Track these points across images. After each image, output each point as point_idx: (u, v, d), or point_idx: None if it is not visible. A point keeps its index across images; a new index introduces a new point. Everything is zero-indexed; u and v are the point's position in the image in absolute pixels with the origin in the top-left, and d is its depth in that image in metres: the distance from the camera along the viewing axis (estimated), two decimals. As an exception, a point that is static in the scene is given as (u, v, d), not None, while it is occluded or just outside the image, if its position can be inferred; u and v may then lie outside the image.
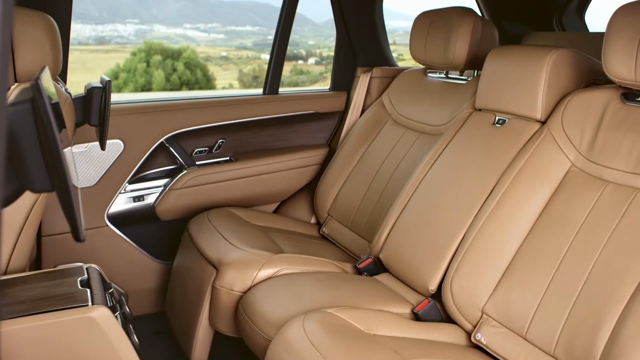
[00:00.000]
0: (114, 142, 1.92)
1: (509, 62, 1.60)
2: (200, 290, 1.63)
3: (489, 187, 1.48)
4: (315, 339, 1.16)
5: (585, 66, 1.53)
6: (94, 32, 12.92)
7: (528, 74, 1.52)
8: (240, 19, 14.15)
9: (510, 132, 1.54)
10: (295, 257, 1.62)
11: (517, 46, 1.66)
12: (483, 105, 1.67)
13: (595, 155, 1.32)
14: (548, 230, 1.31)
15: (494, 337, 1.30)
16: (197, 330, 1.63)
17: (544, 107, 1.49)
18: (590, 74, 1.52)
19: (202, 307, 1.62)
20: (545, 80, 1.48)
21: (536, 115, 1.50)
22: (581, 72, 1.52)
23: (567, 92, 1.49)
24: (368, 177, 1.98)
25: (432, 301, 1.44)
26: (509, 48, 1.65)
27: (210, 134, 2.12)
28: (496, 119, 1.60)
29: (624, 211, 1.22)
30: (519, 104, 1.55)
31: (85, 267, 1.33)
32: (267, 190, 2.22)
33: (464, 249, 1.41)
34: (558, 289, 1.23)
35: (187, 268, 1.79)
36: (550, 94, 1.49)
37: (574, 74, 1.51)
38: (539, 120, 1.50)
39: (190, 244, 1.81)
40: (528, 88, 1.52)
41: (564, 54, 1.50)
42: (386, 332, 1.29)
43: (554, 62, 1.48)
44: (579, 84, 1.51)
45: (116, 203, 1.98)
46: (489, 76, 1.65)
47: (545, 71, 1.48)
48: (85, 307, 1.13)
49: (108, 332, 1.14)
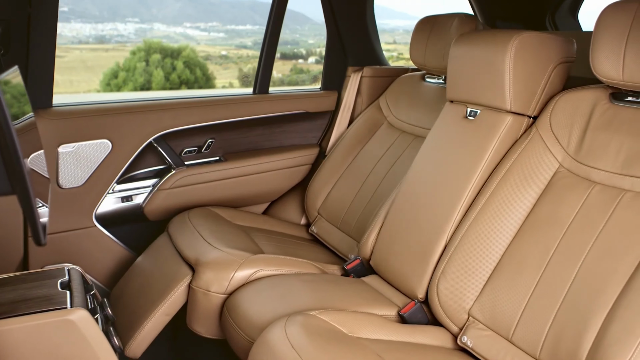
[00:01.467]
0: (101, 142, 1.91)
1: (473, 49, 1.53)
2: (166, 287, 1.59)
3: (467, 186, 1.45)
4: (296, 342, 1.14)
5: (554, 47, 1.46)
6: (94, 31, 12.91)
7: (492, 62, 1.46)
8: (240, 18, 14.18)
9: (483, 125, 1.50)
10: (274, 258, 1.61)
11: (482, 32, 1.59)
12: (453, 97, 1.63)
13: (583, 156, 1.31)
14: (535, 232, 1.30)
15: (479, 340, 1.29)
16: (143, 326, 1.56)
17: (512, 96, 1.44)
18: (560, 53, 1.46)
19: (159, 305, 1.57)
20: (509, 69, 1.42)
21: (505, 106, 1.46)
22: (549, 54, 1.45)
23: (536, 77, 1.44)
24: (360, 177, 1.97)
25: (418, 303, 1.42)
26: (474, 34, 1.59)
27: (199, 133, 2.11)
28: (468, 111, 1.57)
29: (610, 213, 1.20)
30: (487, 94, 1.50)
31: (66, 268, 1.32)
32: (257, 191, 2.21)
33: (450, 250, 1.40)
34: (544, 291, 1.21)
35: (158, 264, 1.75)
36: (517, 82, 1.43)
37: (541, 57, 1.44)
38: (510, 111, 1.46)
39: (168, 242, 1.79)
40: (494, 77, 1.46)
41: (528, 38, 1.43)
42: (370, 335, 1.27)
43: (518, 48, 1.42)
44: (547, 66, 1.45)
45: (104, 203, 1.97)
46: (454, 65, 1.59)
47: (509, 58, 1.42)
48: (64, 310, 1.12)
49: (87, 334, 1.13)
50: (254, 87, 2.22)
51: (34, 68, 1.73)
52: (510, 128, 1.46)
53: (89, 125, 1.87)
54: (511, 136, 1.47)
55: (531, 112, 1.47)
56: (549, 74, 1.45)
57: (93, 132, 1.88)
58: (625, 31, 1.22)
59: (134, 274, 1.80)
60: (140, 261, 1.85)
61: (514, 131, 1.47)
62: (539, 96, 1.46)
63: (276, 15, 2.12)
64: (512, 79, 1.43)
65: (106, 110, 1.90)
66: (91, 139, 1.88)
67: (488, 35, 1.52)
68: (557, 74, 1.47)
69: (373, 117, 2.10)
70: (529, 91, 1.45)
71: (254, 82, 2.23)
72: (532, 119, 1.48)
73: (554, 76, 1.46)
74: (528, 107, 1.46)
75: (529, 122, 1.48)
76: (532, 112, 1.47)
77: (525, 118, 1.47)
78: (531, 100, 1.46)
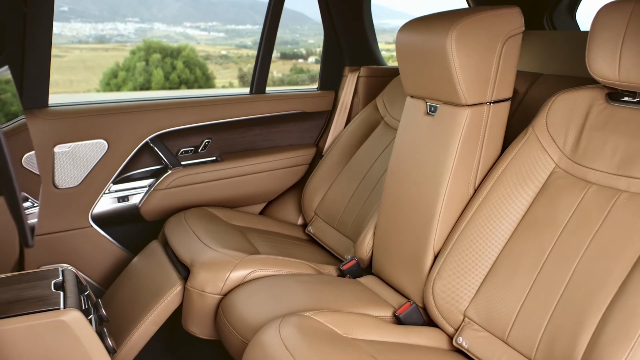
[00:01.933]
0: (98, 142, 1.90)
1: (415, 39, 1.43)
2: (154, 297, 1.57)
3: (443, 185, 1.42)
4: (290, 343, 1.14)
5: (498, 22, 1.36)
6: (94, 31, 12.88)
7: (435, 55, 1.37)
8: (240, 17, 14.15)
9: (444, 122, 1.44)
10: (269, 259, 1.60)
11: (425, 18, 1.47)
12: (410, 92, 1.57)
13: (579, 156, 1.30)
14: (531, 232, 1.30)
15: (475, 341, 1.28)
16: (131, 335, 1.54)
17: (465, 90, 1.37)
18: (506, 27, 1.37)
19: (147, 314, 1.54)
20: (455, 63, 1.34)
21: (460, 101, 1.40)
22: (495, 31, 1.36)
23: (486, 61, 1.36)
24: (357, 177, 1.97)
25: (413, 304, 1.42)
26: (417, 21, 1.47)
27: (196, 133, 2.10)
28: (428, 107, 1.52)
29: (606, 213, 1.20)
30: (439, 90, 1.43)
31: (60, 269, 1.31)
32: (254, 191, 2.21)
33: (446, 251, 1.39)
34: (540, 292, 1.21)
35: (149, 271, 1.73)
36: (467, 73, 1.35)
37: (486, 37, 1.36)
38: (469, 105, 1.40)
39: (159, 248, 1.78)
40: (441, 72, 1.38)
41: (468, 23, 1.33)
42: (365, 336, 1.27)
43: (458, 38, 1.33)
44: (495, 45, 1.37)
45: (100, 203, 1.97)
46: (401, 56, 1.51)
47: (451, 52, 1.33)
48: (57, 311, 1.12)
49: (80, 335, 1.13)
50: (250, 87, 2.22)
51: (29, 68, 1.73)
52: (471, 121, 1.42)
53: (85, 125, 1.87)
54: (475, 127, 1.42)
55: (489, 97, 1.42)
56: (499, 53, 1.38)
57: (89, 132, 1.87)
58: (622, 31, 1.22)
59: (125, 279, 1.79)
60: (131, 266, 1.83)
61: (476, 122, 1.42)
62: (493, 80, 1.40)
63: (273, 15, 2.11)
64: (460, 72, 1.35)
65: (102, 110, 1.89)
66: (87, 139, 1.87)
67: (430, 23, 1.42)
68: (509, 49, 1.39)
69: (370, 117, 2.10)
70: (481, 79, 1.38)
71: (250, 81, 2.22)
72: (492, 104, 1.43)
73: (505, 53, 1.39)
74: (485, 94, 1.41)
75: (489, 108, 1.43)
76: (490, 97, 1.42)
77: (485, 105, 1.43)
78: (486, 87, 1.40)
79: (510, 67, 1.42)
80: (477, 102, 1.41)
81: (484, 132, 1.44)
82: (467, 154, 1.43)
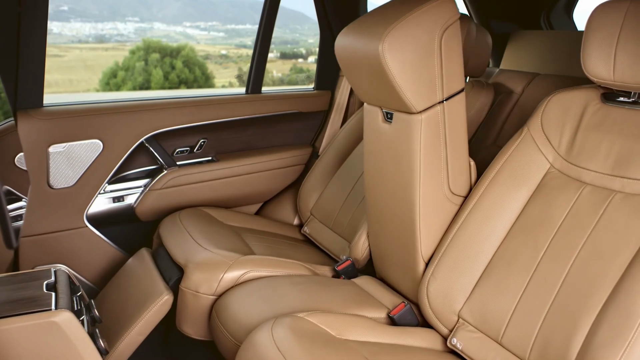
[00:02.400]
0: (93, 142, 1.90)
1: (353, 48, 1.33)
2: (141, 307, 1.55)
3: (415, 192, 1.38)
4: (282, 345, 1.13)
5: (431, 17, 1.27)
6: (93, 30, 12.88)
7: (373, 67, 1.28)
8: (240, 17, 14.14)
9: (402, 129, 1.38)
10: (264, 259, 1.59)
11: (359, 24, 1.36)
12: (363, 99, 1.49)
13: (574, 156, 1.30)
14: (525, 233, 1.29)
15: (469, 342, 1.28)
16: (117, 345, 1.52)
17: (412, 99, 1.29)
18: (440, 20, 1.28)
19: (133, 324, 1.52)
20: (392, 74, 1.25)
21: (410, 109, 1.32)
22: (429, 28, 1.27)
23: (427, 62, 1.28)
24: (353, 178, 1.96)
25: (408, 305, 1.41)
26: (352, 28, 1.38)
27: (191, 133, 2.10)
28: (384, 114, 1.43)
29: (600, 214, 1.19)
30: (387, 99, 1.35)
31: (53, 269, 1.31)
32: (250, 191, 2.20)
33: (440, 252, 1.39)
34: (534, 293, 1.20)
35: (138, 279, 1.70)
36: (409, 80, 1.27)
37: (422, 37, 1.26)
38: (419, 112, 1.33)
39: (147, 257, 1.76)
40: (383, 82, 1.30)
41: (399, 30, 1.23)
42: (358, 337, 1.26)
43: (391, 49, 1.23)
44: (432, 42, 1.28)
45: (95, 204, 1.96)
46: (344, 66, 1.42)
47: (386, 63, 1.24)
48: (48, 312, 1.11)
49: (72, 336, 1.12)
50: (246, 86, 2.22)
51: (24, 68, 1.73)
52: (428, 125, 1.35)
53: (80, 125, 1.86)
54: (433, 129, 1.36)
55: (440, 97, 1.34)
56: (438, 50, 1.30)
57: (84, 132, 1.87)
58: (616, 31, 1.21)
59: (115, 285, 1.77)
60: (122, 271, 1.81)
61: (433, 124, 1.35)
62: (440, 78, 1.32)
63: (268, 15, 2.11)
64: (401, 82, 1.27)
65: (97, 110, 1.89)
66: (82, 139, 1.87)
67: (363, 30, 1.32)
68: (448, 42, 1.31)
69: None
70: (426, 81, 1.30)
71: (246, 81, 2.22)
72: (445, 101, 1.36)
73: (445, 47, 1.31)
74: (434, 95, 1.33)
75: (443, 106, 1.36)
76: (442, 96, 1.34)
77: (438, 106, 1.35)
78: (434, 88, 1.33)
79: (455, 58, 1.34)
80: (428, 106, 1.34)
81: (444, 131, 1.38)
82: (432, 157, 1.37)
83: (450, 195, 1.43)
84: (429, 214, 1.41)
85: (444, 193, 1.42)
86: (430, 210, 1.41)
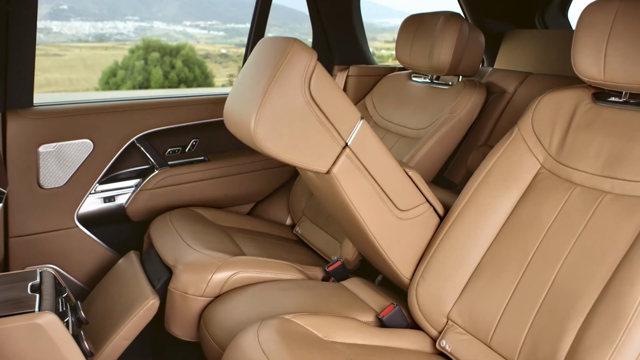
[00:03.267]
0: (83, 142, 1.89)
1: (236, 125, 1.23)
2: (127, 310, 1.54)
3: (363, 227, 1.33)
4: (267, 347, 1.12)
5: (290, 75, 1.14)
6: (93, 30, 12.87)
7: (256, 147, 1.16)
8: (240, 16, 14.14)
9: (327, 188, 1.33)
10: (254, 260, 1.58)
11: (236, 95, 1.26)
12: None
13: (564, 156, 1.29)
14: (515, 234, 1.28)
15: (458, 344, 1.27)
16: (103, 349, 1.50)
17: (312, 164, 1.20)
18: (298, 73, 1.15)
19: (119, 328, 1.50)
20: (280, 155, 1.17)
21: (319, 171, 1.23)
22: (293, 87, 1.14)
23: (310, 125, 1.17)
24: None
25: (397, 307, 1.40)
26: (230, 103, 1.26)
27: (183, 133, 2.08)
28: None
29: (590, 215, 1.18)
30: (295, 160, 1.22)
31: (39, 271, 1.30)
32: (242, 191, 2.19)
33: (430, 253, 1.38)
34: (523, 295, 1.19)
35: (125, 282, 1.69)
36: (297, 152, 1.17)
37: (290, 106, 1.15)
38: (328, 171, 1.24)
39: (135, 261, 1.74)
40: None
41: (266, 110, 1.12)
42: (346, 339, 1.25)
43: (265, 133, 1.12)
44: (301, 102, 1.16)
45: (86, 204, 1.95)
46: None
47: (269, 147, 1.13)
48: (31, 314, 1.10)
49: (55, 339, 1.11)
50: (239, 86, 2.20)
51: (13, 67, 1.71)
52: (344, 175, 1.25)
53: (70, 125, 1.85)
54: (352, 174, 1.26)
55: (340, 144, 1.23)
56: (312, 104, 1.17)
57: (74, 131, 1.86)
58: (607, 30, 1.20)
59: (103, 288, 1.75)
60: (111, 274, 1.79)
61: (348, 170, 1.25)
62: (330, 128, 1.20)
63: (261, 13, 2.10)
64: (292, 157, 1.17)
65: (88, 110, 1.87)
66: (72, 138, 1.86)
67: (239, 108, 1.19)
68: (318, 87, 1.17)
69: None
70: (317, 140, 1.19)
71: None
72: (348, 145, 1.25)
73: (318, 95, 1.17)
74: (333, 146, 1.22)
75: (348, 149, 1.25)
76: (342, 142, 1.23)
77: (343, 152, 1.24)
78: (330, 140, 1.21)
79: (336, 97, 1.20)
80: (334, 160, 1.23)
81: (364, 169, 1.28)
82: (365, 196, 1.29)
83: (404, 214, 1.36)
84: (392, 242, 1.36)
85: (395, 217, 1.34)
86: (391, 239, 1.35)
